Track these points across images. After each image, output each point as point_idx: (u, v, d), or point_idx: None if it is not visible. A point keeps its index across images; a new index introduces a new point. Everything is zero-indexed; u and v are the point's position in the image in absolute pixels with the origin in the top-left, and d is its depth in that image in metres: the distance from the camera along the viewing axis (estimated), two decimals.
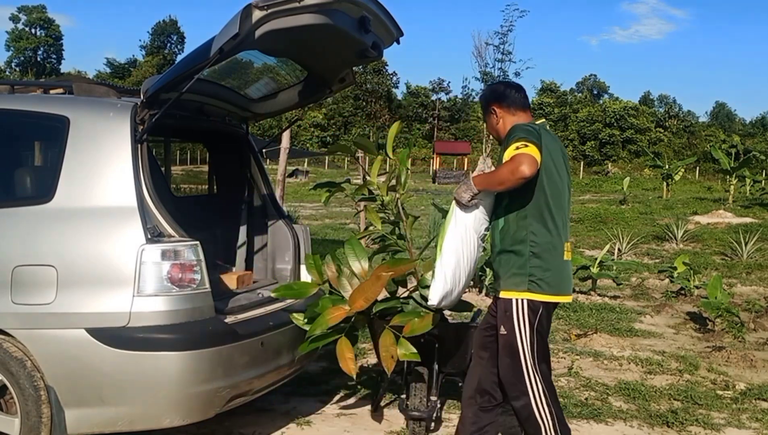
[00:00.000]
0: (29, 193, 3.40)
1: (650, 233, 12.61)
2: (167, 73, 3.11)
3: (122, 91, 3.57)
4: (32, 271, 2.96)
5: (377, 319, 3.41)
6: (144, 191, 3.02)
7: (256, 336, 3.26)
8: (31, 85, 3.97)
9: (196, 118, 3.84)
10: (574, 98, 63.13)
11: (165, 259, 2.92)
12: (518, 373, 2.93)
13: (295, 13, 2.90)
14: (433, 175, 40.04)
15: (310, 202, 20.63)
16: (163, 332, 2.90)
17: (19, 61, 76.45)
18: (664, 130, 59.42)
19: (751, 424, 4.05)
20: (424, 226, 11.91)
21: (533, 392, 2.92)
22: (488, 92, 3.20)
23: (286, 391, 4.21)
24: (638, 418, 4.08)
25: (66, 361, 2.93)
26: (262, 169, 4.22)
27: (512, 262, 2.93)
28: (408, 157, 3.63)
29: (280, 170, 8.80)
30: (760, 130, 64.84)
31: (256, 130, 32.72)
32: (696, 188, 31.04)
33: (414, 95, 63.34)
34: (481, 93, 3.22)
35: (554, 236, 2.93)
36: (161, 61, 69.18)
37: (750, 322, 6.44)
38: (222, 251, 4.26)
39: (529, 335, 2.90)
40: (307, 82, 3.93)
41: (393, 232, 3.77)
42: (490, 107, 3.12)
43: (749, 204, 17.69)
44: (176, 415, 2.98)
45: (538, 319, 2.91)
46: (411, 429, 3.59)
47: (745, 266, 9.50)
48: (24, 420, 2.94)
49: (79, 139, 3.10)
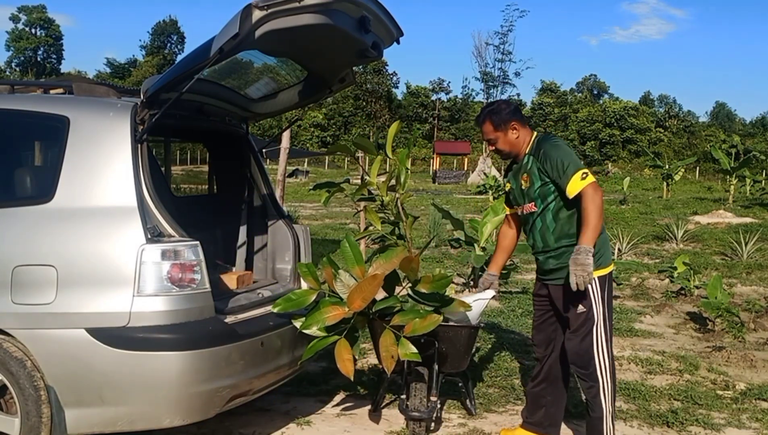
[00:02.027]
0: (29, 193, 3.40)
1: (650, 233, 12.61)
2: (167, 73, 3.11)
3: (122, 91, 3.56)
4: (32, 271, 2.96)
5: (377, 320, 3.41)
6: (144, 191, 3.02)
7: (256, 336, 3.26)
8: (31, 85, 3.96)
9: (196, 118, 3.84)
10: (574, 98, 63.18)
11: (165, 259, 2.92)
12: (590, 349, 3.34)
13: (295, 13, 2.90)
14: (433, 175, 40.05)
15: (310, 202, 20.63)
16: (163, 332, 2.90)
17: (19, 61, 76.51)
18: (664, 130, 59.45)
19: (751, 424, 4.05)
20: (424, 226, 11.91)
21: (602, 370, 3.32)
22: (506, 110, 3.46)
23: (286, 391, 4.21)
24: (638, 418, 4.07)
25: (66, 361, 2.93)
26: (262, 169, 4.22)
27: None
28: (408, 157, 3.62)
29: (280, 170, 8.80)
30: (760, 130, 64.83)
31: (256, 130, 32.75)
32: (696, 188, 31.07)
33: (414, 95, 63.35)
34: (490, 114, 3.45)
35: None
36: (161, 61, 69.23)
37: (750, 322, 6.43)
38: (222, 251, 4.26)
39: (603, 308, 3.32)
40: (307, 82, 3.93)
41: (393, 232, 3.76)
42: (512, 123, 3.43)
43: (749, 204, 17.69)
44: (176, 415, 2.98)
45: (607, 290, 3.35)
46: (411, 429, 3.59)
47: (745, 266, 9.49)
48: (24, 420, 2.94)
49: (79, 139, 3.10)
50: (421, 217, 5.13)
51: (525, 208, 3.49)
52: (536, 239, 3.47)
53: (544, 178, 3.35)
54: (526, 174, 3.42)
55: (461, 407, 4.12)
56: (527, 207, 3.46)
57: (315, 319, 3.27)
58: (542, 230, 3.42)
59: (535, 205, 3.42)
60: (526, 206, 3.47)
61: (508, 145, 3.46)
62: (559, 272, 3.41)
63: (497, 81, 45.83)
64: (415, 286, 3.42)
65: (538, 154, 3.35)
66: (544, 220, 3.41)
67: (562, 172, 3.25)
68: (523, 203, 3.49)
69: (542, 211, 3.39)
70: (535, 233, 3.46)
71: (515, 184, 3.53)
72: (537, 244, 3.48)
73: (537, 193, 3.39)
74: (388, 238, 3.73)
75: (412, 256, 3.33)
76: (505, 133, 3.44)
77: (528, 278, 8.44)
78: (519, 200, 3.53)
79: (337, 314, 3.27)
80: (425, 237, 11.34)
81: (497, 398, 4.31)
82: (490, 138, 3.48)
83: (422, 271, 3.48)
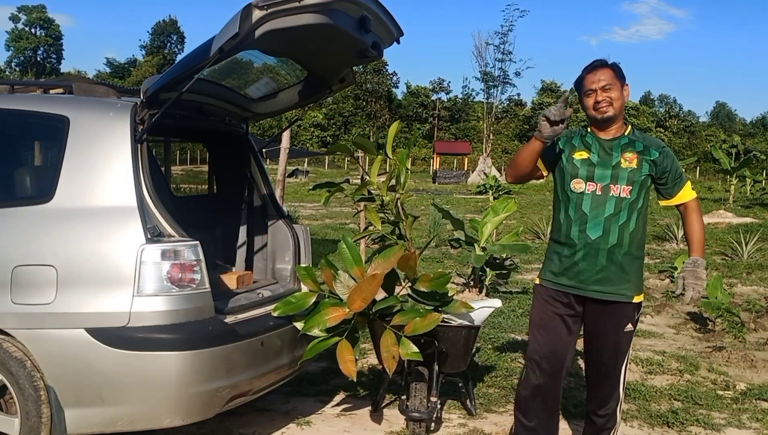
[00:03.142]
0: (29, 193, 3.40)
1: (650, 233, 12.60)
2: (167, 72, 3.10)
3: (122, 91, 3.56)
4: (32, 271, 2.96)
5: (377, 320, 3.41)
6: (144, 191, 3.02)
7: (256, 336, 3.26)
8: (31, 85, 3.96)
9: (196, 118, 3.84)
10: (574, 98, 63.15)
11: (165, 259, 2.91)
12: (620, 370, 3.10)
13: (295, 13, 2.90)
14: (433, 175, 40.03)
15: (310, 202, 20.62)
16: (163, 332, 2.90)
17: (19, 61, 76.52)
18: (664, 130, 59.46)
19: (751, 424, 4.05)
20: (424, 226, 11.90)
21: (622, 387, 3.14)
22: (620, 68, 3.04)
23: (286, 391, 4.21)
24: (638, 418, 4.07)
25: (66, 361, 2.93)
26: (262, 169, 4.22)
27: (641, 268, 3.02)
28: (408, 157, 3.62)
29: (280, 170, 8.80)
30: (760, 129, 64.86)
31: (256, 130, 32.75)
32: (696, 188, 30.89)
33: (414, 95, 63.35)
34: (614, 64, 3.02)
35: None
36: (161, 61, 69.23)
37: (750, 322, 6.43)
38: (222, 251, 4.26)
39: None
40: (307, 82, 3.93)
41: (393, 232, 3.76)
42: (627, 85, 3.02)
43: (750, 204, 17.70)
44: (176, 415, 2.98)
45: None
46: (411, 429, 3.59)
47: (745, 266, 9.49)
48: (24, 420, 2.93)
49: (79, 139, 3.09)
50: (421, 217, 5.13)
51: (613, 189, 2.92)
52: (609, 232, 2.91)
53: (653, 171, 2.96)
54: (634, 153, 2.94)
55: (461, 407, 4.12)
56: (620, 189, 2.92)
57: (316, 320, 3.26)
58: (623, 226, 2.91)
59: (630, 192, 2.93)
60: (616, 187, 2.92)
61: (618, 103, 2.93)
62: (615, 285, 2.95)
63: (497, 81, 45.79)
64: (414, 284, 3.42)
65: (654, 146, 2.99)
66: (630, 213, 2.92)
67: (677, 175, 3.00)
68: (610, 183, 2.93)
69: (633, 202, 2.93)
70: (612, 225, 2.91)
71: (602, 158, 2.96)
72: (605, 238, 2.91)
73: (641, 179, 2.93)
74: (388, 238, 3.73)
75: (410, 254, 3.32)
76: (621, 89, 2.95)
77: (528, 278, 8.44)
78: (603, 178, 2.93)
79: (337, 315, 3.27)
80: (425, 237, 11.33)
81: (497, 398, 4.31)
82: (609, 83, 2.91)
83: (423, 271, 3.48)
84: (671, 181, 3.00)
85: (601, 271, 2.94)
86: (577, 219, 2.96)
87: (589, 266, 2.95)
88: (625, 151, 2.96)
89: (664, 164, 2.97)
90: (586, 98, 2.97)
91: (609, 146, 2.98)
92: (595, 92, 2.93)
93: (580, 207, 2.95)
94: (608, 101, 2.91)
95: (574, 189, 2.97)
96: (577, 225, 2.96)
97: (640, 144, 2.98)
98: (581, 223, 2.95)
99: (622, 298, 2.97)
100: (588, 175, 2.96)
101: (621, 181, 2.92)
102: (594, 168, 2.96)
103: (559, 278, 3.03)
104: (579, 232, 2.95)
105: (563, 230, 3.02)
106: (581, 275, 2.97)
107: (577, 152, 3.01)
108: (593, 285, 2.96)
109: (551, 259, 3.09)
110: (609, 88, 2.92)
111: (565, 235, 3.00)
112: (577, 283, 2.99)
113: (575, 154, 3.01)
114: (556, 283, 3.05)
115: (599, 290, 2.96)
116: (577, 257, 2.97)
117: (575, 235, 2.96)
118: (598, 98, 2.92)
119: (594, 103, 2.94)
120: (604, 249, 2.92)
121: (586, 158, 2.98)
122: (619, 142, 2.99)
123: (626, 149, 2.97)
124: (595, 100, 2.92)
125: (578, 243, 2.95)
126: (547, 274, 3.09)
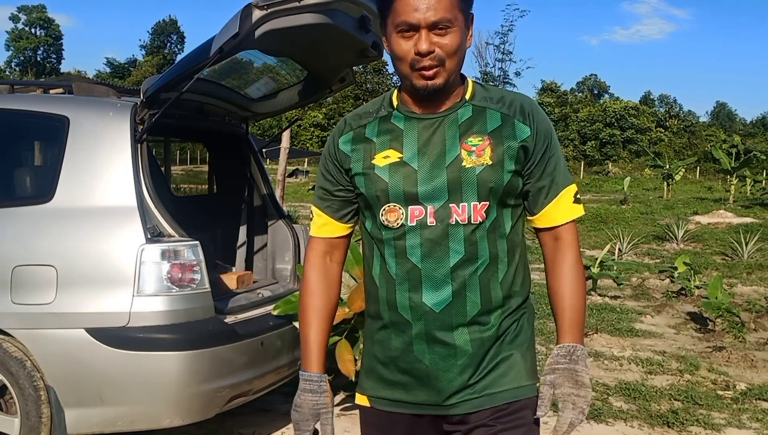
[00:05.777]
0: (29, 192, 3.40)
1: (651, 233, 12.60)
2: (167, 72, 3.10)
3: (122, 91, 3.57)
4: (32, 271, 2.96)
5: None
6: (144, 191, 3.02)
7: (256, 336, 3.26)
8: (31, 84, 3.97)
9: (196, 117, 3.84)
10: (574, 98, 63.14)
11: (165, 259, 2.92)
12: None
13: (295, 13, 2.90)
14: None
15: (310, 201, 20.60)
16: (163, 332, 2.90)
17: (19, 60, 76.51)
18: (664, 129, 59.43)
19: (751, 424, 4.05)
20: None
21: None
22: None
23: (286, 391, 4.20)
24: (639, 418, 4.07)
25: (66, 361, 2.93)
26: (262, 168, 4.22)
27: (531, 328, 1.66)
28: None
29: (280, 170, 8.80)
30: (760, 129, 64.84)
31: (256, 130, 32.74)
32: (696, 188, 31.03)
33: None
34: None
35: None
36: (161, 61, 69.21)
37: (750, 322, 6.43)
38: (222, 251, 4.26)
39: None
40: (307, 81, 3.93)
41: None
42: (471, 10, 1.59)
43: (750, 204, 17.69)
44: (176, 415, 2.98)
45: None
46: None
47: (745, 266, 9.49)
48: (24, 420, 2.93)
49: (79, 138, 3.09)
50: None
51: (456, 212, 1.51)
52: (463, 293, 1.51)
53: (522, 163, 1.56)
54: (485, 137, 1.53)
55: None
56: (468, 209, 1.52)
57: None
58: (487, 275, 1.53)
59: (486, 212, 1.53)
60: (461, 208, 1.51)
61: (458, 57, 1.51)
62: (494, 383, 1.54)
63: (497, 81, 45.85)
64: None
65: (519, 112, 1.56)
66: (494, 248, 1.55)
67: (553, 169, 1.58)
68: (448, 201, 1.52)
69: (495, 227, 1.55)
70: (468, 278, 1.52)
71: (427, 155, 1.54)
72: (459, 305, 1.51)
73: (504, 184, 1.53)
74: None
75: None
76: (464, 26, 1.51)
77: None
78: (435, 193, 1.52)
79: (337, 315, 3.26)
80: None
81: None
82: (445, 17, 1.45)
83: None
84: (538, 177, 1.57)
85: (464, 365, 1.53)
86: (402, 276, 1.55)
87: (440, 361, 1.54)
88: (467, 133, 1.54)
89: (537, 146, 1.55)
90: (399, 38, 1.49)
91: (435, 128, 1.55)
92: (419, 33, 1.47)
93: (404, 254, 1.54)
94: (441, 58, 1.47)
95: (389, 222, 1.55)
96: (405, 287, 1.54)
97: (495, 114, 1.56)
98: (411, 283, 1.54)
99: (518, 396, 1.56)
100: (407, 192, 1.53)
101: (468, 195, 1.51)
102: (414, 175, 1.53)
103: (393, 391, 1.60)
104: (410, 299, 1.54)
105: (382, 298, 1.59)
106: (432, 380, 1.55)
107: (378, 153, 1.58)
108: (456, 395, 1.54)
109: (372, 355, 1.66)
110: (445, 28, 1.46)
111: (386, 307, 1.59)
112: (428, 397, 1.57)
113: (376, 157, 1.58)
114: (389, 401, 1.61)
115: (470, 399, 1.54)
116: (416, 348, 1.55)
117: (404, 307, 1.55)
118: (422, 48, 1.46)
119: (415, 59, 1.48)
120: (461, 324, 1.52)
121: (398, 160, 1.55)
122: (455, 119, 1.56)
123: (469, 129, 1.55)
124: (417, 51, 1.47)
125: (412, 320, 1.54)
126: (370, 383, 1.66)
